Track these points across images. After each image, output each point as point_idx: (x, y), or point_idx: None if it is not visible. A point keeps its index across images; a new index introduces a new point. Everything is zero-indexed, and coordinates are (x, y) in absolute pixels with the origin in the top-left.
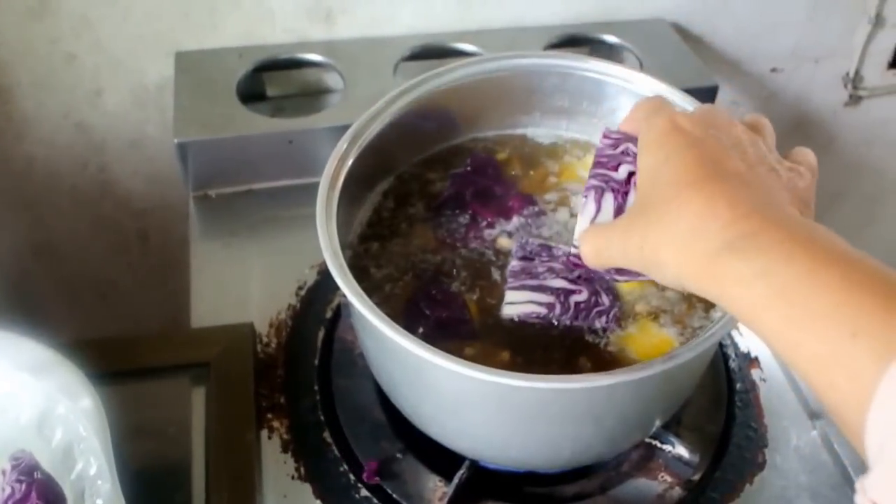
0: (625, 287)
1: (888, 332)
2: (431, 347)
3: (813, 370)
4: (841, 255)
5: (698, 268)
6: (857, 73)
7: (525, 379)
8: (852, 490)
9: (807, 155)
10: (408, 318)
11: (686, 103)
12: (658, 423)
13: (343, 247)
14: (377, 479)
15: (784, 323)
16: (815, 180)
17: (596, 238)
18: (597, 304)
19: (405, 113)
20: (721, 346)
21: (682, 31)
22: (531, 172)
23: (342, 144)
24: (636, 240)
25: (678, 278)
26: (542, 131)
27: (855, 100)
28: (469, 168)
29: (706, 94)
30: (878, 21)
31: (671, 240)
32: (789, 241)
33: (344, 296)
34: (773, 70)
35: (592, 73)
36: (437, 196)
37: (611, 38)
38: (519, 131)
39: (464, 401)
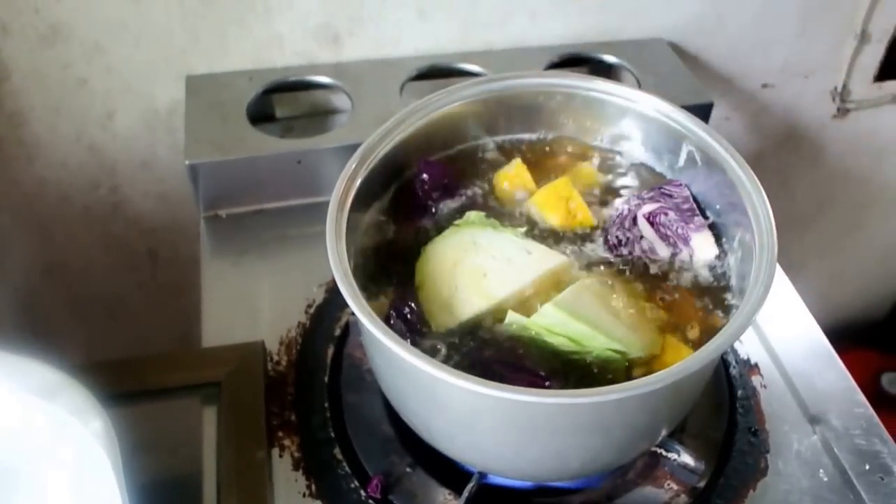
0: None
1: None
2: (443, 366)
3: None
4: None
5: None
6: (844, 86)
7: (536, 395)
8: (853, 493)
9: None
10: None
11: (688, 121)
12: (664, 432)
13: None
14: (380, 494)
15: None
16: None
17: None
18: None
19: (412, 133)
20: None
21: (679, 51)
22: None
23: (351, 165)
24: None
25: None
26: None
27: (843, 112)
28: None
29: (701, 112)
30: (864, 37)
31: None
32: None
33: (353, 314)
34: (765, 86)
35: (596, 93)
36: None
37: (610, 58)
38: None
39: (474, 417)
